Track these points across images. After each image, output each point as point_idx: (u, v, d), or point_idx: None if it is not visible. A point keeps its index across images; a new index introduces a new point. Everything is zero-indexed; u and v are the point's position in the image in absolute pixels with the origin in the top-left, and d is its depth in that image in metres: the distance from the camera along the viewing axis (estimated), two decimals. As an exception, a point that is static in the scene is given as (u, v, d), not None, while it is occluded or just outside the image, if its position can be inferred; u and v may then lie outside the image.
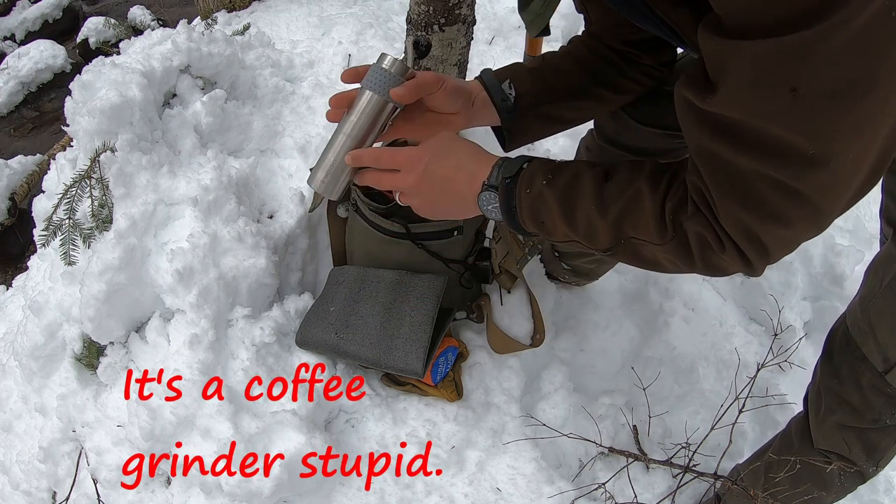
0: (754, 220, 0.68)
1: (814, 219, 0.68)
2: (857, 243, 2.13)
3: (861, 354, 1.10)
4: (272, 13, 2.56)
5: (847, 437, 1.19)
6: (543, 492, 1.35)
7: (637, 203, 0.77)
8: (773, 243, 0.71)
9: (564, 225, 0.83)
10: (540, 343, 1.48)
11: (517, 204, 0.85)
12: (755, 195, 0.66)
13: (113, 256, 1.32)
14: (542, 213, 0.84)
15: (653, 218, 0.76)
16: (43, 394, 1.49)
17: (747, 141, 0.63)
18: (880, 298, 1.06)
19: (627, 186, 0.79)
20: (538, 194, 0.83)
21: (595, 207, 0.80)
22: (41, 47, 4.42)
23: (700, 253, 0.75)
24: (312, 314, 1.45)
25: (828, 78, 0.55)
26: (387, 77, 0.92)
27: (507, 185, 0.85)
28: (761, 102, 0.60)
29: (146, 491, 1.36)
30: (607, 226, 0.80)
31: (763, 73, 0.58)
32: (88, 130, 1.41)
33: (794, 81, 0.56)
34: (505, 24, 2.66)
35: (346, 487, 1.33)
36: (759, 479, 1.38)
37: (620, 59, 1.10)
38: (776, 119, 0.60)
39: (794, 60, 0.55)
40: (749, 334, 1.95)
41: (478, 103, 1.06)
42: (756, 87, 0.59)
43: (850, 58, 0.53)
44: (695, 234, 0.74)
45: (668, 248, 0.77)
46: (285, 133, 1.79)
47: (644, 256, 0.81)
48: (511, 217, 0.87)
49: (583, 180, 0.82)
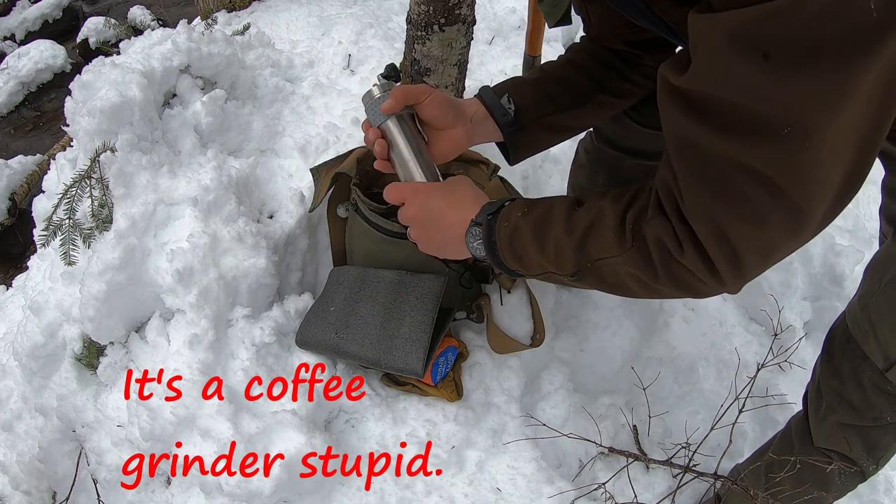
0: (725, 216, 0.64)
1: (791, 218, 0.64)
2: (857, 243, 2.13)
3: (862, 353, 1.11)
4: (272, 13, 2.56)
5: (847, 435, 1.20)
6: (543, 492, 1.35)
7: (600, 220, 0.78)
8: (745, 245, 0.66)
9: (537, 252, 0.84)
10: (540, 343, 1.48)
11: (497, 238, 0.88)
12: (728, 185, 0.63)
13: (113, 256, 1.32)
14: (518, 245, 0.86)
15: (612, 229, 0.76)
16: (43, 394, 1.48)
17: (720, 118, 0.61)
18: (881, 296, 1.06)
19: (593, 207, 0.80)
20: (514, 226, 0.86)
21: (563, 231, 0.81)
22: (41, 47, 4.42)
23: (661, 260, 0.72)
24: (312, 314, 1.45)
25: (800, 43, 0.54)
26: (377, 104, 0.99)
27: (489, 220, 0.89)
28: (732, 71, 0.58)
29: (146, 491, 1.36)
30: (573, 248, 0.80)
31: (735, 41, 0.57)
32: (88, 130, 1.41)
33: (766, 46, 0.55)
34: (505, 24, 2.67)
35: (346, 487, 1.33)
36: (759, 479, 1.38)
37: (621, 62, 1.10)
38: (747, 89, 0.58)
39: (767, 26, 0.54)
40: (749, 334, 1.95)
41: (477, 119, 1.07)
42: (728, 55, 0.58)
43: (824, 24, 0.52)
44: (654, 240, 0.72)
45: (628, 258, 0.75)
46: (285, 133, 1.79)
47: (608, 279, 0.80)
48: (492, 251, 0.89)
49: (555, 209, 0.84)
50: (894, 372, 1.07)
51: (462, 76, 1.71)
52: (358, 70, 2.10)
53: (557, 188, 2.02)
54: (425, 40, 1.56)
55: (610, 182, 1.43)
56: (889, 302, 1.05)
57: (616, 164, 1.38)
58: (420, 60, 1.61)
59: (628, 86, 1.13)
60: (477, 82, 2.11)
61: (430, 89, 1.01)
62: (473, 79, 2.10)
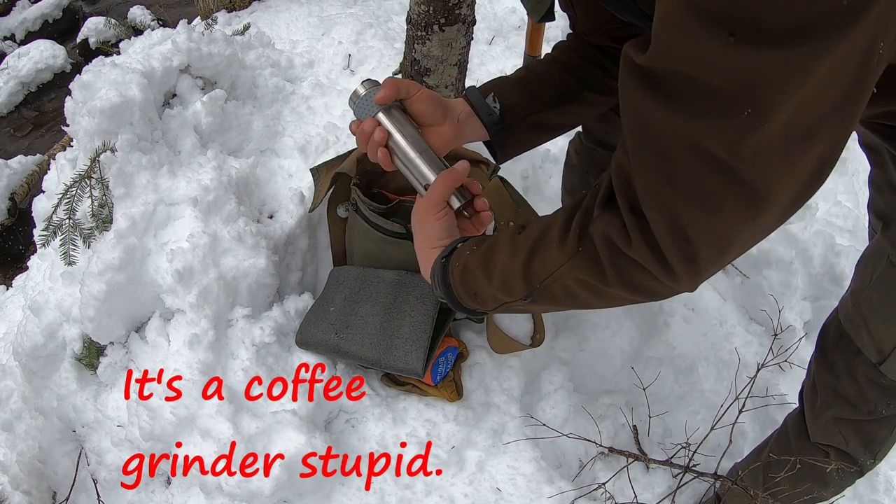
0: (678, 200, 0.62)
1: (748, 203, 0.61)
2: (857, 243, 2.13)
3: (855, 347, 1.11)
4: (272, 13, 2.56)
5: (844, 430, 1.20)
6: (543, 492, 1.35)
7: (543, 236, 0.78)
8: (699, 235, 0.63)
9: (486, 284, 0.84)
10: (540, 343, 1.48)
11: (451, 279, 0.89)
12: (683, 170, 0.60)
13: (113, 256, 1.32)
14: (470, 282, 0.86)
15: (556, 240, 0.75)
16: (43, 394, 1.48)
17: (678, 95, 0.59)
18: (871, 291, 1.07)
19: (537, 227, 0.80)
20: (465, 264, 0.87)
21: (507, 256, 0.81)
22: (41, 47, 4.42)
23: (609, 258, 0.70)
24: (312, 314, 1.45)
25: (769, 22, 0.52)
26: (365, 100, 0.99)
27: (443, 264, 0.91)
28: (696, 46, 0.56)
29: (146, 491, 1.36)
30: (519, 270, 0.79)
31: (701, 16, 0.54)
32: (88, 130, 1.41)
33: (733, 25, 0.53)
34: (505, 24, 2.67)
35: (346, 487, 1.33)
36: (758, 479, 1.38)
37: (607, 59, 1.10)
38: (710, 65, 0.56)
39: (736, 3, 0.52)
40: (749, 334, 1.95)
41: (463, 119, 1.07)
42: (693, 30, 0.55)
43: (794, 8, 0.51)
44: (601, 237, 0.70)
45: (575, 264, 0.73)
46: (285, 133, 1.79)
47: (559, 295, 0.79)
48: (449, 294, 0.90)
49: (500, 240, 0.84)
50: (888, 365, 1.08)
51: (462, 76, 1.71)
52: (358, 70, 2.10)
53: (557, 188, 2.02)
54: (425, 40, 1.56)
55: None
56: (880, 296, 1.06)
57: (607, 163, 1.38)
58: (420, 60, 1.61)
59: (614, 83, 1.12)
60: (477, 82, 2.10)
61: (419, 86, 1.01)
62: (473, 79, 2.11)
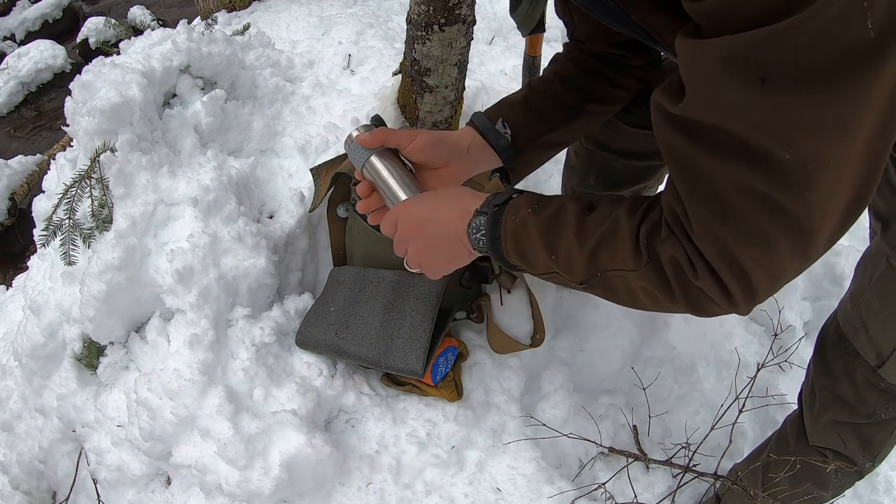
0: (732, 236, 0.63)
1: (798, 239, 0.62)
2: (857, 243, 2.13)
3: (853, 350, 1.11)
4: (272, 13, 2.56)
5: (842, 432, 1.20)
6: (543, 492, 1.35)
7: (614, 230, 0.76)
8: (754, 268, 0.65)
9: (544, 254, 0.82)
10: (540, 343, 1.48)
11: (502, 231, 0.85)
12: (734, 209, 0.62)
13: (113, 256, 1.32)
14: (524, 242, 0.83)
15: (628, 243, 0.74)
16: (43, 394, 1.48)
17: (720, 144, 0.60)
18: (870, 293, 1.06)
19: (607, 216, 0.78)
20: (522, 221, 0.83)
21: (575, 237, 0.79)
22: (41, 47, 4.42)
23: (677, 281, 0.71)
24: (312, 314, 1.45)
25: (798, 67, 0.53)
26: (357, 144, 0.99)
27: (496, 211, 0.86)
28: (730, 99, 0.58)
29: (146, 491, 1.36)
30: (585, 257, 0.78)
31: (732, 67, 0.56)
32: (88, 130, 1.41)
33: (762, 71, 0.54)
34: (505, 24, 2.67)
35: (346, 487, 1.33)
36: (757, 479, 1.38)
37: (608, 68, 1.10)
38: (746, 117, 0.57)
39: (763, 50, 0.54)
40: (749, 334, 1.95)
41: (474, 150, 1.06)
42: (724, 83, 0.57)
43: (821, 45, 0.52)
44: (668, 259, 0.70)
45: (643, 274, 0.73)
46: (285, 133, 1.79)
47: (619, 290, 0.79)
48: (495, 244, 0.86)
49: (566, 211, 0.81)
50: (887, 368, 1.07)
51: (462, 76, 1.71)
52: (358, 70, 2.10)
53: (557, 188, 2.01)
54: (425, 40, 1.56)
55: (601, 183, 1.43)
56: (879, 298, 1.05)
57: (606, 165, 1.38)
58: (420, 60, 1.61)
59: (616, 91, 1.12)
60: (477, 82, 2.11)
61: (413, 134, 0.99)
62: (473, 79, 2.10)
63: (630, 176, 1.39)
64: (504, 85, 2.28)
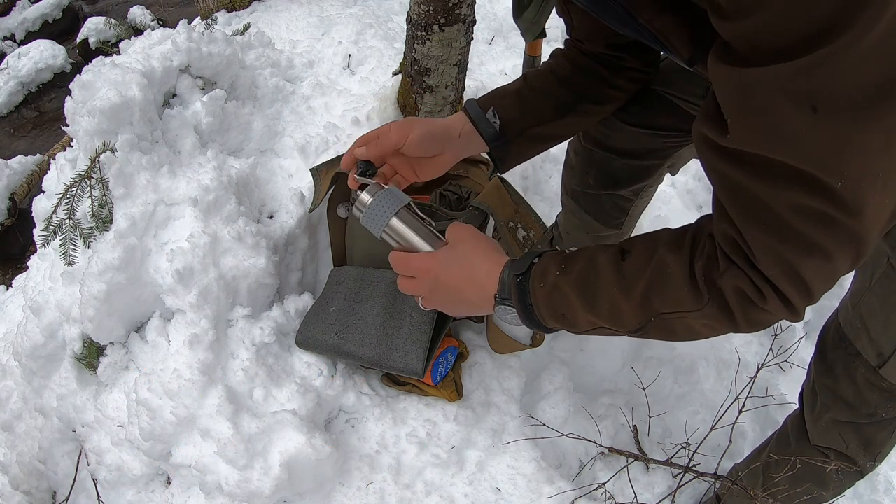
0: (794, 254, 0.65)
1: (854, 247, 0.65)
2: (857, 243, 2.13)
3: (854, 350, 1.11)
4: (272, 13, 2.56)
5: (843, 432, 1.20)
6: (543, 492, 1.35)
7: (663, 273, 0.73)
8: (815, 278, 0.67)
9: (587, 313, 0.79)
10: (540, 343, 1.48)
11: (533, 301, 0.82)
12: (791, 227, 0.63)
13: (113, 256, 1.32)
14: (560, 306, 0.81)
15: (684, 285, 0.72)
16: (43, 394, 1.48)
17: (774, 173, 0.61)
18: (871, 294, 1.07)
19: (649, 259, 0.75)
20: (553, 286, 0.80)
21: (618, 289, 0.76)
22: (41, 47, 4.42)
23: (742, 310, 0.70)
24: (312, 314, 1.45)
25: (848, 90, 0.54)
26: (376, 210, 0.96)
27: (519, 283, 0.83)
28: (781, 131, 0.58)
29: (146, 491, 1.36)
30: (634, 306, 0.75)
31: (780, 99, 0.56)
32: (88, 130, 1.41)
33: (813, 100, 0.55)
34: (505, 25, 2.67)
35: (346, 487, 1.33)
36: (758, 479, 1.38)
37: (605, 69, 1.10)
38: (797, 147, 0.58)
39: (812, 79, 0.53)
40: (749, 334, 1.95)
41: (464, 135, 1.07)
42: (774, 115, 0.57)
43: (868, 67, 0.52)
44: (733, 291, 0.69)
45: (706, 312, 0.72)
46: (285, 133, 1.79)
47: (678, 330, 0.76)
48: (529, 315, 0.84)
49: (598, 263, 0.78)
50: (887, 368, 1.08)
51: (462, 76, 1.71)
52: (358, 70, 2.10)
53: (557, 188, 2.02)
54: (425, 40, 1.56)
55: (600, 183, 1.43)
56: (880, 299, 1.06)
57: (605, 164, 1.38)
58: (420, 60, 1.61)
59: (612, 92, 1.13)
60: (477, 82, 2.11)
61: (403, 130, 0.99)
62: (473, 79, 2.10)
63: (629, 175, 1.39)
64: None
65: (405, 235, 0.97)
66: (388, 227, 0.96)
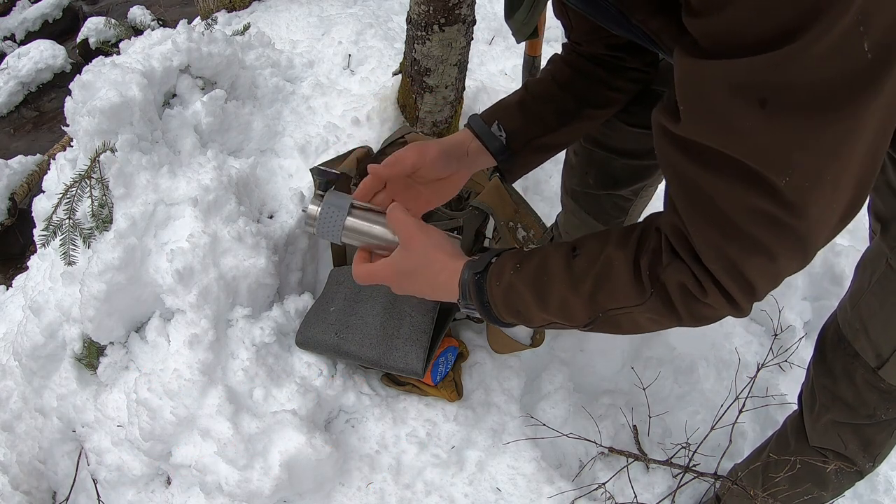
0: (737, 252, 0.65)
1: (799, 250, 0.65)
2: (857, 243, 2.13)
3: (853, 351, 1.11)
4: (272, 13, 2.56)
5: (842, 433, 1.20)
6: (543, 492, 1.35)
7: (609, 270, 0.75)
8: (758, 277, 0.67)
9: (540, 311, 0.82)
10: (540, 343, 1.48)
11: (490, 299, 0.85)
12: (736, 224, 0.63)
13: (113, 256, 1.32)
14: (515, 303, 0.84)
15: (628, 280, 0.73)
16: (43, 394, 1.48)
17: (720, 166, 0.61)
18: (870, 295, 1.07)
19: (597, 256, 0.77)
20: (508, 285, 0.83)
21: (567, 287, 0.78)
22: (41, 47, 4.41)
23: (684, 304, 0.71)
24: (312, 314, 1.45)
25: (799, 91, 0.54)
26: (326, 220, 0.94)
27: (478, 281, 0.86)
28: (728, 122, 0.59)
29: (146, 491, 1.36)
30: (582, 302, 0.77)
31: (734, 91, 0.57)
32: (88, 130, 1.41)
33: (762, 94, 0.55)
34: (505, 25, 2.66)
35: (346, 487, 1.33)
36: (757, 479, 1.38)
37: (605, 71, 1.10)
38: (743, 141, 0.58)
39: (765, 74, 0.54)
40: (749, 334, 1.95)
41: (472, 153, 1.08)
42: (724, 105, 0.58)
43: (822, 69, 0.53)
44: (675, 285, 0.70)
45: (649, 306, 0.73)
46: (285, 133, 1.79)
47: (623, 324, 0.78)
48: (487, 311, 0.87)
49: (550, 261, 0.81)
50: (886, 369, 1.07)
51: (462, 76, 1.71)
52: (358, 70, 2.10)
53: (557, 188, 2.02)
54: (425, 40, 1.56)
55: (600, 182, 1.43)
56: (879, 300, 1.05)
57: (605, 164, 1.38)
58: (420, 60, 1.61)
59: (613, 94, 1.13)
60: (477, 82, 2.11)
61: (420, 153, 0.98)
62: (473, 79, 2.11)
63: (629, 175, 1.39)
64: (504, 85, 2.28)
65: (366, 231, 0.95)
66: (345, 230, 0.95)
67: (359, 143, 1.70)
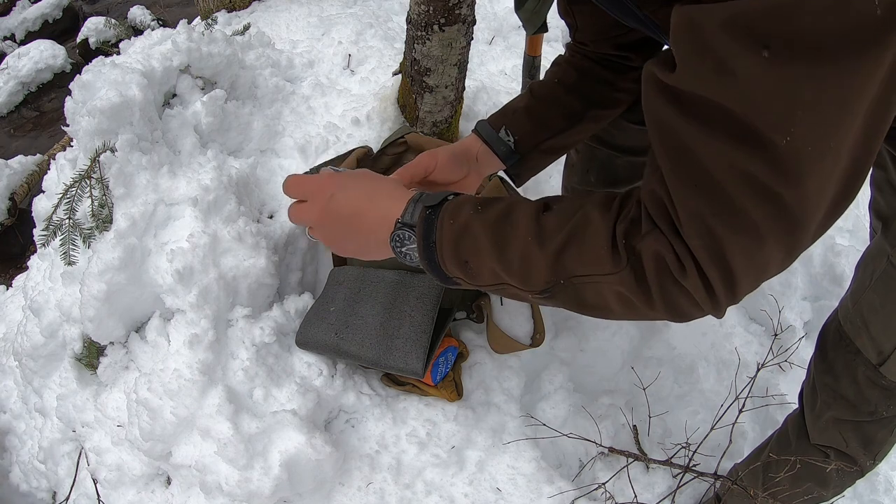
0: (722, 228, 0.59)
1: (788, 233, 0.59)
2: (857, 243, 2.13)
3: (854, 348, 1.11)
4: (272, 13, 2.56)
5: (843, 431, 1.20)
6: (543, 492, 1.35)
7: (584, 228, 0.67)
8: (741, 264, 0.61)
9: (494, 262, 0.71)
10: (540, 343, 1.48)
11: (437, 238, 0.73)
12: (725, 192, 0.58)
13: (113, 256, 1.32)
14: (466, 249, 0.72)
15: (605, 244, 0.65)
16: (43, 394, 1.49)
17: (714, 120, 0.56)
18: (871, 292, 1.07)
19: (573, 213, 0.69)
20: (464, 225, 0.72)
21: (533, 238, 0.69)
22: (41, 47, 4.42)
23: (658, 281, 0.64)
24: (312, 314, 1.45)
25: (803, 39, 0.51)
26: None
27: (428, 216, 0.74)
28: (726, 68, 0.54)
29: (146, 491, 1.36)
30: (547, 260, 0.68)
31: (733, 31, 0.52)
32: (88, 130, 1.41)
33: (766, 39, 0.51)
34: (505, 24, 2.67)
35: (346, 487, 1.33)
36: (758, 479, 1.38)
37: (610, 72, 1.10)
38: (742, 91, 0.54)
39: (770, 19, 0.51)
40: (749, 334, 1.95)
41: (481, 157, 1.08)
42: (723, 48, 0.53)
43: (827, 20, 0.50)
44: (651, 255, 0.63)
45: (621, 277, 0.65)
46: (285, 133, 1.79)
47: (588, 298, 0.70)
48: (429, 254, 0.75)
49: (518, 210, 0.71)
50: (888, 366, 1.08)
51: (462, 76, 1.71)
52: (358, 70, 2.10)
53: (557, 187, 2.02)
54: (425, 40, 1.56)
55: (601, 181, 1.44)
56: (880, 297, 1.06)
57: (607, 161, 1.38)
58: (420, 60, 1.61)
59: (619, 94, 1.13)
60: (477, 82, 2.11)
61: (431, 157, 0.98)
62: (473, 79, 2.11)
63: (630, 173, 1.40)
64: (504, 85, 2.28)
65: None
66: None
67: (359, 143, 1.70)
